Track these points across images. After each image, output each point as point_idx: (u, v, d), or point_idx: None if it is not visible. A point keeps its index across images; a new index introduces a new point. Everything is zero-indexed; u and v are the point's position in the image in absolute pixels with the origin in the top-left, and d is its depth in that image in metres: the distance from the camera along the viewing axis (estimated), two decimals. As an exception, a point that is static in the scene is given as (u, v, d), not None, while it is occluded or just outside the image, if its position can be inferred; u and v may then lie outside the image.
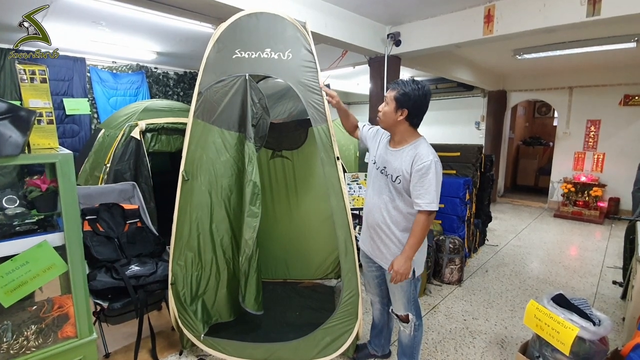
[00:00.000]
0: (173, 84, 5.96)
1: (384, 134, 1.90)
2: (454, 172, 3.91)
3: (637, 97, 5.86)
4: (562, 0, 2.90)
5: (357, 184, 3.46)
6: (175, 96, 5.98)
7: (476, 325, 2.68)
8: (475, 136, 7.47)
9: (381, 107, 1.78)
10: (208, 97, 2.10)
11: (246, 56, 2.08)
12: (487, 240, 4.63)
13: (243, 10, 2.10)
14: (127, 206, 2.41)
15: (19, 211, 1.57)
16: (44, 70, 1.62)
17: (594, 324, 1.73)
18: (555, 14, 2.96)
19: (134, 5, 2.82)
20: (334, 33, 3.40)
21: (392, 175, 1.75)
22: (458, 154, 3.94)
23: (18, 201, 1.59)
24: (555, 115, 7.56)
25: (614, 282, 3.38)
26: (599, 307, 3.00)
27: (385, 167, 1.81)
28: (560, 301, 1.90)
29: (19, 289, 1.50)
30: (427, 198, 1.62)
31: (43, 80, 1.62)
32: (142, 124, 2.93)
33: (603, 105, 6.18)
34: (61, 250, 1.59)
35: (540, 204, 7.05)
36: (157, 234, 2.46)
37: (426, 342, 2.45)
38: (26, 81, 1.59)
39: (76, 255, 1.61)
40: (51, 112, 1.65)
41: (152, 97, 5.57)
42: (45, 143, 1.64)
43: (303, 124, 3.01)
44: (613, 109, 6.09)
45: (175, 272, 2.12)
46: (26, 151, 1.50)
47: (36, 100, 1.61)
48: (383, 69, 4.00)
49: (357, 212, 3.78)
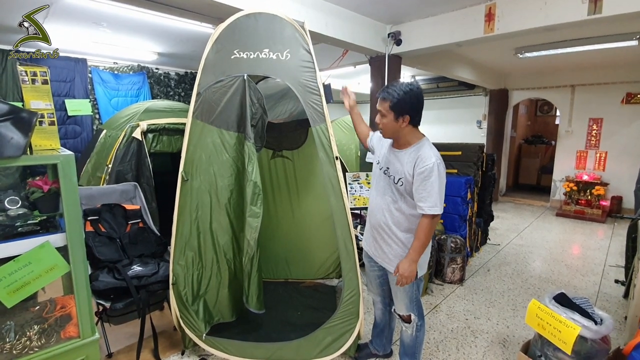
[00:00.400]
0: (174, 85, 5.97)
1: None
2: (456, 171, 3.90)
3: (639, 95, 5.83)
4: (563, -1, 2.90)
5: (358, 183, 3.45)
6: (177, 96, 5.99)
7: (478, 325, 2.68)
8: (476, 135, 7.45)
9: (378, 119, 1.72)
10: (207, 98, 2.11)
11: (245, 56, 2.08)
12: (489, 239, 4.62)
13: (242, 10, 2.10)
14: (129, 207, 2.43)
15: (21, 212, 1.58)
16: (45, 72, 1.63)
17: (596, 323, 1.72)
18: (556, 12, 2.95)
19: (134, 6, 2.82)
20: (335, 32, 3.40)
21: (394, 177, 1.74)
22: (459, 153, 3.93)
23: (20, 202, 1.60)
24: (557, 113, 7.54)
25: (616, 281, 3.37)
26: (601, 306, 2.99)
27: (388, 168, 1.80)
28: (562, 300, 1.89)
29: (21, 290, 1.51)
30: (430, 201, 1.60)
31: (44, 82, 1.63)
32: (144, 125, 2.94)
33: (605, 103, 6.16)
34: (63, 250, 1.60)
35: (542, 203, 7.03)
36: (159, 234, 2.47)
37: (428, 342, 2.45)
38: (27, 82, 1.60)
39: (78, 256, 1.62)
40: (53, 114, 1.65)
41: (153, 97, 5.59)
42: (47, 144, 1.65)
43: (303, 123, 3.01)
44: (615, 107, 6.07)
45: (177, 272, 2.13)
46: (28, 152, 1.51)
47: (37, 101, 1.62)
48: (384, 68, 4.00)
49: (358, 211, 3.78)
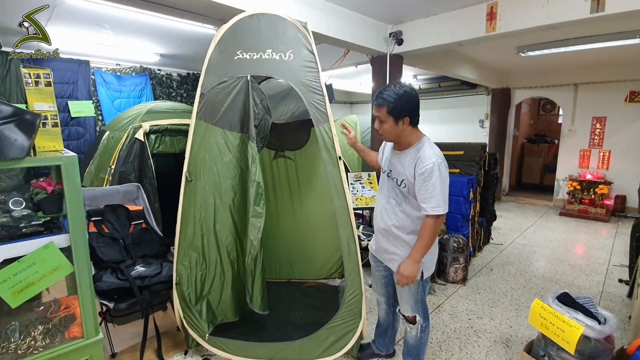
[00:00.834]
0: (176, 86, 5.99)
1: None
2: (458, 170, 3.89)
3: (643, 94, 5.81)
4: (565, -3, 2.88)
5: (360, 183, 3.45)
6: (179, 97, 6.01)
7: (481, 325, 2.67)
8: (479, 134, 7.43)
9: (377, 125, 1.72)
10: (210, 99, 2.11)
11: (247, 57, 2.08)
12: (492, 239, 4.61)
13: (245, 11, 2.11)
14: (131, 207, 2.44)
15: (25, 213, 1.59)
16: (48, 74, 1.64)
17: (600, 322, 1.72)
18: (558, 11, 2.93)
19: (136, 7, 2.83)
20: (336, 33, 3.40)
21: (397, 180, 1.74)
22: (462, 152, 3.92)
23: (24, 203, 1.61)
24: (560, 112, 7.51)
25: (620, 281, 3.35)
26: (605, 305, 2.97)
27: (391, 171, 1.80)
28: (566, 300, 1.89)
29: (26, 290, 1.52)
30: (433, 202, 1.59)
31: (48, 84, 1.64)
32: (146, 126, 2.95)
33: (608, 102, 6.12)
34: (67, 251, 1.61)
35: (545, 202, 7.00)
36: (162, 234, 2.48)
37: (431, 342, 2.44)
38: (31, 85, 1.61)
39: (82, 257, 1.63)
40: (56, 115, 1.66)
41: (155, 98, 5.60)
42: (50, 146, 1.66)
43: (306, 124, 3.01)
44: (619, 106, 6.03)
45: (180, 273, 2.14)
46: (32, 154, 1.52)
47: (41, 103, 1.63)
48: (385, 68, 3.99)
49: (360, 211, 3.78)
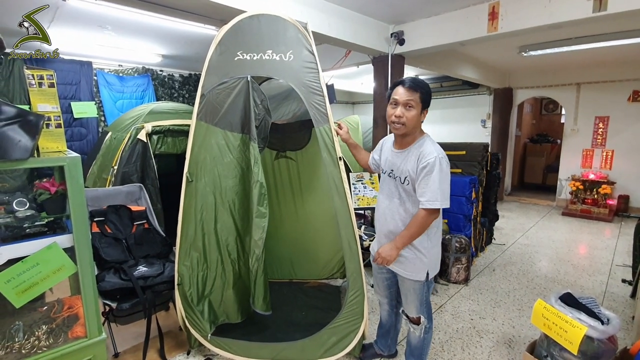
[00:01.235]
0: (178, 86, 6.01)
1: (386, 140, 1.91)
2: (460, 170, 3.88)
3: (646, 93, 5.78)
4: (567, -4, 2.88)
5: (362, 183, 3.45)
6: (181, 98, 6.02)
7: (483, 325, 2.67)
8: (481, 134, 7.41)
9: (401, 112, 1.64)
10: (211, 99, 2.12)
11: (248, 58, 2.09)
12: (494, 239, 4.60)
13: (245, 12, 2.11)
14: (134, 208, 2.44)
15: (29, 214, 1.60)
16: (51, 75, 1.65)
17: (603, 322, 1.71)
18: (560, 10, 2.93)
19: (138, 9, 2.85)
20: (337, 33, 3.40)
21: (400, 177, 1.74)
22: (464, 152, 3.91)
23: (28, 204, 1.62)
24: (563, 112, 7.47)
25: (624, 281, 3.33)
26: (608, 305, 2.96)
27: (392, 170, 1.80)
28: (569, 300, 1.88)
29: (30, 290, 1.53)
30: (428, 195, 1.60)
31: (51, 85, 1.65)
32: (149, 127, 2.96)
33: (611, 101, 6.09)
34: (70, 251, 1.62)
35: (548, 202, 6.97)
36: (164, 235, 2.49)
37: (433, 342, 2.44)
38: (34, 86, 1.62)
39: (85, 257, 1.64)
40: (59, 116, 1.68)
41: (157, 99, 5.62)
42: (53, 146, 1.67)
43: (307, 124, 3.01)
44: (622, 105, 6.00)
45: (182, 273, 2.14)
46: (35, 155, 1.53)
47: (44, 104, 1.64)
48: (387, 68, 3.99)
49: (362, 211, 3.78)
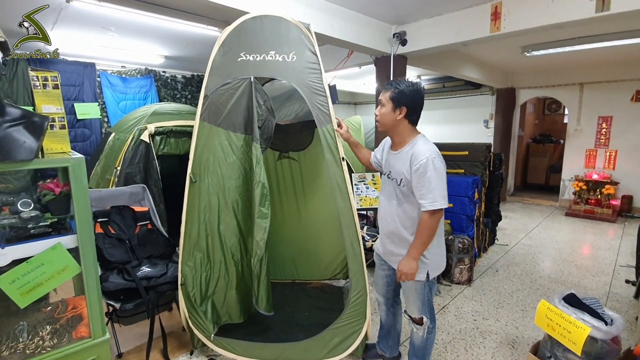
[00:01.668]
0: (181, 87, 6.03)
1: (387, 140, 1.91)
2: (463, 171, 3.87)
3: (650, 93, 5.75)
4: (570, -4, 2.87)
5: (365, 184, 3.45)
6: (183, 99, 6.04)
7: (486, 326, 2.66)
8: (483, 134, 7.39)
9: (377, 110, 1.78)
10: (214, 100, 2.13)
11: (251, 59, 2.10)
12: (497, 239, 4.58)
13: (248, 13, 2.12)
14: (137, 208, 2.45)
15: (33, 214, 1.61)
16: (56, 77, 1.66)
17: (606, 323, 1.70)
18: (563, 10, 2.92)
19: (142, 10, 2.86)
20: (340, 34, 3.40)
21: (396, 179, 1.75)
22: (466, 152, 3.91)
23: (33, 204, 1.63)
24: (566, 112, 7.45)
25: (627, 281, 3.32)
26: (612, 306, 2.95)
27: (390, 172, 1.82)
28: (572, 301, 1.88)
29: (34, 290, 1.53)
30: (429, 197, 1.59)
31: (55, 86, 1.66)
32: (151, 127, 2.97)
33: (615, 101, 6.07)
34: (74, 252, 1.62)
35: (551, 203, 6.94)
36: (167, 235, 2.50)
37: (436, 343, 2.43)
38: (39, 87, 1.63)
39: (89, 257, 1.64)
40: (63, 117, 1.68)
41: (160, 100, 5.64)
42: (58, 147, 1.67)
43: (309, 125, 3.02)
44: (625, 105, 5.97)
45: (185, 273, 2.15)
46: (40, 156, 1.54)
47: (49, 105, 1.65)
48: (389, 68, 3.99)
49: (365, 212, 3.78)
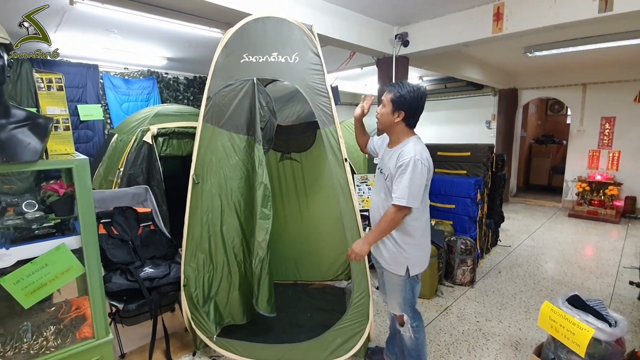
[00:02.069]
0: (183, 89, 6.05)
1: (387, 137, 1.95)
2: (465, 172, 3.86)
3: (653, 93, 5.72)
4: (573, -3, 2.86)
5: (367, 185, 3.45)
6: (186, 100, 6.06)
7: (489, 327, 2.65)
8: (485, 135, 7.38)
9: (379, 109, 1.85)
10: (217, 102, 2.13)
11: (254, 60, 2.10)
12: (500, 240, 4.57)
13: (251, 15, 2.13)
14: (140, 209, 2.46)
15: (38, 215, 1.61)
16: (60, 78, 1.67)
17: (610, 325, 1.69)
18: (566, 11, 2.91)
19: (144, 12, 2.88)
20: (342, 35, 3.41)
21: (385, 174, 1.83)
22: (469, 153, 3.90)
23: (37, 205, 1.63)
24: (569, 112, 7.42)
25: (631, 283, 3.29)
26: (616, 308, 2.93)
27: (382, 167, 1.89)
28: (576, 302, 1.87)
29: (38, 291, 1.54)
30: (398, 193, 1.67)
31: (59, 88, 1.67)
32: (154, 129, 2.99)
33: (618, 101, 6.04)
34: (78, 253, 1.63)
35: (554, 204, 6.92)
36: (170, 236, 2.50)
37: (438, 344, 2.43)
38: (43, 89, 1.64)
39: (93, 258, 1.65)
40: (67, 119, 1.69)
41: (162, 102, 5.66)
42: (62, 149, 1.68)
43: (311, 126, 3.02)
44: (628, 106, 5.95)
45: (188, 274, 2.15)
46: (44, 157, 1.55)
47: (53, 107, 1.66)
48: (391, 69, 3.99)
49: (367, 213, 3.76)
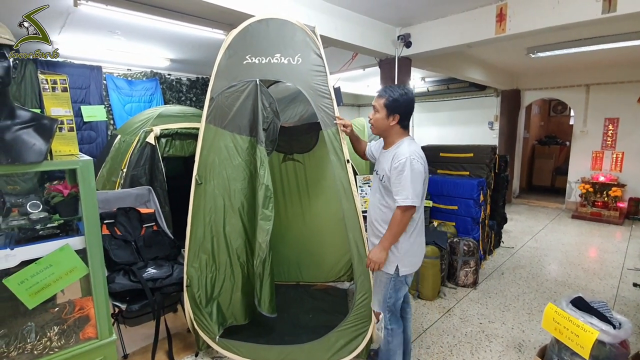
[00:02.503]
0: (186, 90, 6.06)
1: (382, 141, 1.97)
2: (468, 173, 3.86)
3: (657, 94, 5.69)
4: (576, -3, 2.85)
5: (369, 186, 3.45)
6: (188, 102, 6.07)
7: (492, 329, 2.64)
8: (488, 136, 7.35)
9: (371, 115, 1.86)
10: (220, 103, 2.14)
11: (257, 62, 2.11)
12: (503, 242, 4.55)
13: (254, 16, 2.13)
14: (143, 210, 2.47)
15: (42, 216, 1.62)
16: (65, 80, 1.67)
17: (614, 327, 1.68)
18: (569, 11, 2.90)
19: (148, 14, 2.89)
20: (344, 36, 3.41)
21: (380, 175, 1.85)
22: (471, 154, 3.89)
23: (41, 206, 1.64)
24: (572, 113, 7.39)
25: (635, 285, 3.28)
26: (620, 310, 2.91)
27: (378, 168, 1.91)
28: (580, 304, 1.86)
29: (43, 291, 1.55)
30: (403, 194, 1.69)
31: (64, 89, 1.68)
32: (157, 130, 2.99)
33: (621, 102, 6.01)
34: (82, 253, 1.64)
35: (557, 205, 6.89)
36: (172, 237, 2.51)
37: (441, 346, 2.43)
38: (48, 90, 1.65)
39: (96, 258, 1.65)
40: (72, 120, 1.70)
41: (165, 103, 5.67)
42: (66, 150, 1.69)
43: (314, 127, 3.02)
44: (632, 106, 5.91)
45: (191, 275, 2.16)
46: (49, 158, 1.56)
47: (58, 108, 1.66)
48: (394, 70, 3.99)
49: (369, 214, 3.76)
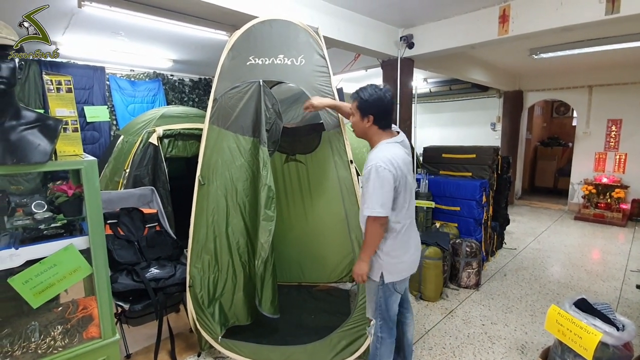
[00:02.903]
0: (188, 91, 6.08)
1: None
2: (470, 174, 3.85)
3: (660, 95, 5.67)
4: (579, -2, 2.85)
5: (371, 187, 3.45)
6: (191, 102, 6.09)
7: (495, 330, 2.63)
8: (490, 137, 7.34)
9: (350, 119, 1.87)
10: (223, 104, 2.15)
11: (260, 62, 2.12)
12: (505, 243, 4.54)
13: (257, 17, 2.14)
14: (146, 210, 2.48)
15: (46, 216, 1.63)
16: (69, 81, 1.68)
17: (618, 329, 1.68)
18: (572, 13, 2.90)
19: (151, 15, 2.90)
20: (347, 37, 3.42)
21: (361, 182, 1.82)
22: (474, 155, 3.88)
23: (46, 206, 1.65)
24: (574, 114, 7.37)
25: (638, 287, 3.27)
26: (623, 311, 2.90)
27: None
28: (583, 306, 1.85)
29: (47, 291, 1.55)
30: (367, 203, 1.64)
31: (68, 90, 1.69)
32: (160, 130, 3.00)
33: (624, 103, 5.99)
34: (85, 253, 1.64)
35: (560, 206, 6.87)
36: (175, 237, 2.52)
37: (443, 347, 2.42)
38: (53, 91, 1.66)
39: (100, 258, 1.66)
40: (76, 121, 1.71)
41: (168, 103, 5.69)
42: (70, 150, 1.69)
43: (316, 127, 3.01)
44: (635, 108, 5.90)
45: (193, 275, 2.16)
46: (53, 158, 1.56)
47: (62, 109, 1.67)
48: (396, 71, 3.99)
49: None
